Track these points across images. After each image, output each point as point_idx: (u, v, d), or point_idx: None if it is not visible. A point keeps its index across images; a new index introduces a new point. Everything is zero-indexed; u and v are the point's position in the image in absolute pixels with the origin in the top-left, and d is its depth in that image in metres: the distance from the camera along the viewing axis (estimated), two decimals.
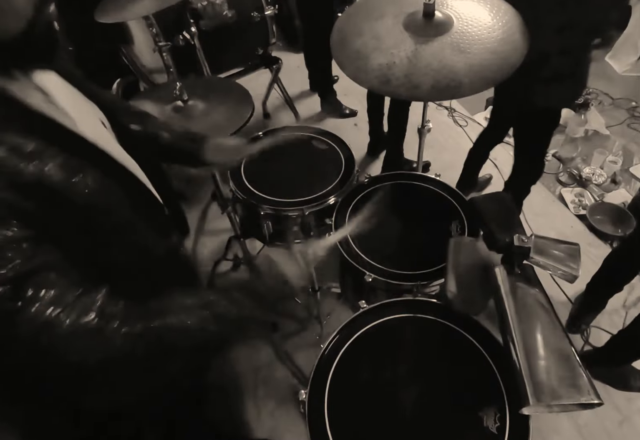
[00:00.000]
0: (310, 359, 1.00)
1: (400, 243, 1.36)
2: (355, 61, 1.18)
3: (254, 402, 1.78)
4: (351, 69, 1.18)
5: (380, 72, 1.13)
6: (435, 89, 1.09)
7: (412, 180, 1.52)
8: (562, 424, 1.67)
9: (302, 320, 1.97)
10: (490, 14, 1.19)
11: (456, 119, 3.01)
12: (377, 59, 1.15)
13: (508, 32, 1.16)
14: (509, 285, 0.97)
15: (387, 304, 1.13)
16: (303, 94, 3.22)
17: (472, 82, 1.09)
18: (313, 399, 0.97)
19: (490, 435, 0.89)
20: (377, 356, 1.04)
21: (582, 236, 2.29)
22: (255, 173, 1.57)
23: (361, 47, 1.19)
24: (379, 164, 2.64)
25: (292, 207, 1.45)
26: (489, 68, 1.11)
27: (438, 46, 1.14)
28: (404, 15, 1.21)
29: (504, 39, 1.14)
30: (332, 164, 1.57)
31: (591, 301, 1.90)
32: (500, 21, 1.18)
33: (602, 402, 0.78)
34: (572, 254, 1.00)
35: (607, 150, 2.62)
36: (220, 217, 1.89)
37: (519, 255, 0.97)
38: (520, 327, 0.89)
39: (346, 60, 1.20)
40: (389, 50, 1.15)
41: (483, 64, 1.11)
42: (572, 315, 1.93)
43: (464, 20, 1.18)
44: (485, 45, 1.13)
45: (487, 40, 1.14)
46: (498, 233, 1.02)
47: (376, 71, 1.13)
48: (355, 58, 1.18)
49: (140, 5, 1.44)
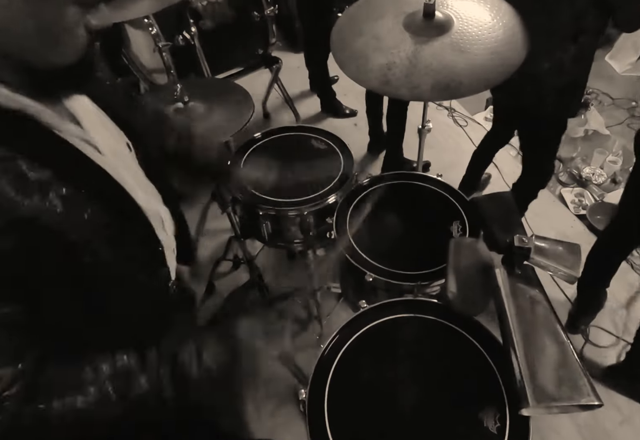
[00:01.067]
0: (310, 359, 1.00)
1: (400, 243, 1.36)
2: (356, 61, 1.18)
3: (254, 402, 1.78)
4: (351, 69, 1.18)
5: (380, 72, 1.13)
6: (436, 89, 1.09)
7: (412, 180, 1.52)
8: (562, 424, 1.67)
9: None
10: (491, 14, 1.19)
11: (456, 119, 3.01)
12: (377, 59, 1.15)
13: (508, 32, 1.16)
14: (510, 285, 0.97)
15: (387, 304, 1.13)
16: (303, 94, 3.22)
17: (472, 82, 1.09)
18: (313, 398, 0.97)
19: (490, 435, 0.89)
20: (378, 356, 1.04)
21: (582, 236, 2.29)
22: (254, 173, 1.56)
23: (361, 47, 1.19)
24: (379, 164, 2.64)
25: (290, 207, 1.45)
26: (489, 68, 1.11)
27: (438, 46, 1.14)
28: (404, 15, 1.21)
29: (504, 39, 1.14)
30: (331, 164, 1.57)
31: (584, 301, 1.90)
32: (500, 21, 1.18)
33: (602, 404, 0.77)
34: (572, 254, 1.00)
35: (607, 150, 2.62)
36: (220, 217, 1.88)
37: (520, 256, 0.97)
38: (520, 327, 0.89)
39: (346, 60, 1.20)
40: (389, 50, 1.15)
41: (483, 64, 1.11)
42: (571, 315, 1.93)
43: (464, 20, 1.18)
44: (486, 45, 1.13)
45: (488, 41, 1.14)
46: (499, 234, 1.02)
47: (376, 71, 1.13)
48: (355, 58, 1.18)
49: (140, 5, 1.44)
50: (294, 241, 1.55)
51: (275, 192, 1.48)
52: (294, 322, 1.97)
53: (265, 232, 1.53)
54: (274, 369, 0.74)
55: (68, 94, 0.66)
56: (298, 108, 3.02)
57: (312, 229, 1.48)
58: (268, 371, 0.73)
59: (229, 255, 2.22)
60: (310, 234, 1.50)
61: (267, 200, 1.47)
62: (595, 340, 1.89)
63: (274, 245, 1.65)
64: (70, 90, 0.66)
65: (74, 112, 0.67)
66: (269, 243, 1.61)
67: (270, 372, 0.74)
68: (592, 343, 1.89)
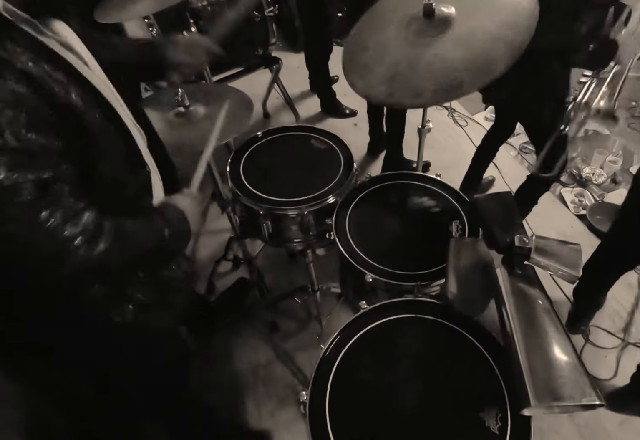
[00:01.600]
0: (310, 359, 1.00)
1: (400, 243, 1.36)
2: (364, 76, 1.17)
3: (254, 402, 1.78)
4: (361, 85, 1.18)
5: (385, 85, 1.12)
6: (438, 92, 1.07)
7: (412, 180, 1.52)
8: (562, 424, 1.67)
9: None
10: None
11: (456, 119, 3.01)
12: (382, 71, 1.14)
13: (513, 12, 1.10)
14: (510, 285, 0.97)
15: (387, 305, 1.13)
16: (303, 94, 3.22)
17: (473, 76, 1.06)
18: (314, 399, 0.97)
19: (492, 435, 0.89)
20: (378, 357, 1.04)
21: (582, 236, 2.29)
22: (254, 173, 1.57)
23: (367, 62, 1.18)
24: (379, 164, 2.64)
25: (291, 206, 1.45)
26: (491, 57, 1.07)
27: (440, 44, 1.11)
28: (407, 19, 1.20)
29: (508, 21, 1.09)
30: (331, 164, 1.57)
31: (583, 301, 1.90)
32: (503, 1, 1.13)
33: (603, 403, 0.77)
34: (572, 254, 1.00)
35: (607, 150, 2.62)
36: (221, 217, 1.89)
37: (520, 256, 0.97)
38: (520, 327, 0.89)
39: (356, 76, 1.20)
40: (391, 58, 1.15)
41: (484, 54, 1.07)
42: (570, 315, 1.93)
43: (464, 11, 1.15)
44: (490, 31, 1.09)
45: (491, 25, 1.10)
46: (499, 234, 1.02)
47: (382, 85, 1.13)
48: (362, 72, 1.18)
49: (140, 5, 1.44)
50: (294, 240, 1.55)
51: (276, 191, 1.48)
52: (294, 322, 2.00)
53: (265, 231, 1.53)
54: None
55: (48, 17, 0.76)
56: (298, 108, 3.02)
57: (312, 228, 1.49)
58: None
59: (229, 255, 2.22)
60: (310, 234, 1.50)
61: (268, 199, 1.47)
62: (595, 341, 1.89)
63: (274, 245, 1.65)
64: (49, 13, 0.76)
65: (61, 34, 0.78)
66: (270, 242, 1.62)
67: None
68: (592, 343, 1.89)
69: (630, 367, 1.63)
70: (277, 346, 1.93)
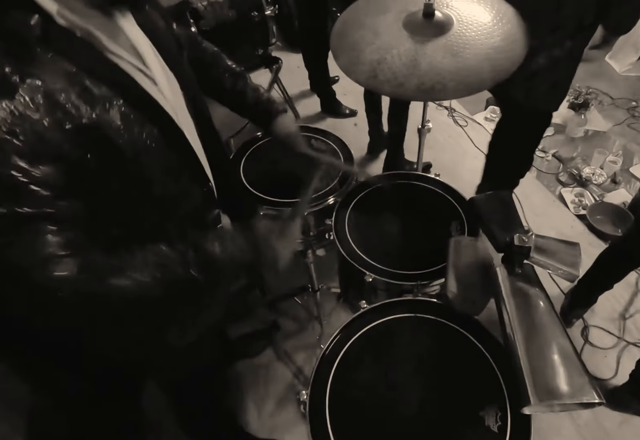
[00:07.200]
0: (310, 359, 1.00)
1: (400, 243, 1.36)
2: (350, 53, 1.17)
3: (254, 402, 1.78)
4: (344, 60, 1.17)
5: (370, 66, 1.12)
6: (420, 89, 1.07)
7: (412, 180, 1.52)
8: (562, 423, 1.67)
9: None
10: (494, 20, 1.16)
11: (456, 119, 3.00)
12: (370, 53, 1.14)
13: (507, 40, 1.12)
14: (510, 284, 0.97)
15: (387, 304, 1.13)
16: (303, 94, 3.22)
17: (457, 86, 1.07)
18: (314, 399, 0.97)
19: (492, 434, 0.89)
20: (378, 356, 1.04)
21: (582, 236, 2.29)
22: (254, 173, 1.57)
23: (358, 40, 1.18)
24: (379, 164, 2.64)
25: (290, 206, 1.45)
26: (478, 74, 1.08)
27: (432, 47, 1.12)
28: (405, 13, 1.20)
29: (501, 47, 1.11)
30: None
31: (582, 296, 1.90)
32: (501, 29, 1.15)
33: (603, 401, 0.77)
34: (572, 253, 1.00)
35: (607, 150, 2.62)
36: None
37: (520, 255, 0.97)
38: (520, 326, 0.89)
39: (341, 51, 1.19)
40: (383, 45, 1.14)
41: (472, 69, 1.08)
42: (563, 308, 1.93)
43: (464, 23, 1.16)
44: (480, 51, 1.10)
45: (483, 46, 1.11)
46: (498, 233, 1.02)
47: (366, 65, 1.12)
48: (350, 49, 1.17)
49: None
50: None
51: (276, 192, 1.48)
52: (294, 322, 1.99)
53: None
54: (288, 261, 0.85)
55: (121, 8, 0.69)
56: (298, 108, 3.02)
57: (312, 229, 1.49)
58: (286, 261, 0.85)
59: None
60: (311, 234, 1.50)
61: (268, 200, 1.47)
62: (595, 341, 1.89)
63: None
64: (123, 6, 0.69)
65: (135, 44, 0.71)
66: None
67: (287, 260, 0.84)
68: (592, 344, 1.88)
69: (630, 367, 1.63)
70: (277, 346, 1.93)
